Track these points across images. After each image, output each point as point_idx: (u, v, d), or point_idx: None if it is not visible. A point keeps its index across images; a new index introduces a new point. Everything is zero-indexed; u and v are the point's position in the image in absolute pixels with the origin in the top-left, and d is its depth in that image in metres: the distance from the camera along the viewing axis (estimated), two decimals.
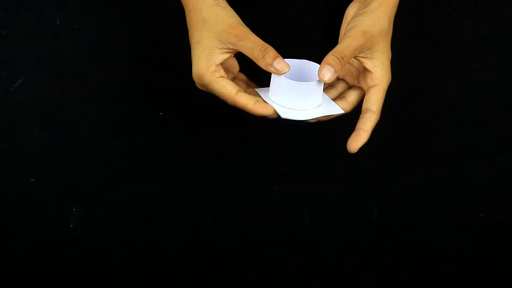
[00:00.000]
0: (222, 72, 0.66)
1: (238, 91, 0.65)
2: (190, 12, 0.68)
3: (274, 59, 0.64)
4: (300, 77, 0.68)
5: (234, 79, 0.69)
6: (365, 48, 0.66)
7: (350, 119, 0.70)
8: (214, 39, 0.65)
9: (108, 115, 0.78)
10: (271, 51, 0.64)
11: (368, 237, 0.74)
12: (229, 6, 0.68)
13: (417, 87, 0.79)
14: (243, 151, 0.77)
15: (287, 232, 0.74)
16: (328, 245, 0.74)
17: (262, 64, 0.64)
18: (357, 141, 0.66)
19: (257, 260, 0.73)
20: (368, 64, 0.67)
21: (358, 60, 0.68)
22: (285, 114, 0.65)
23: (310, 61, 0.68)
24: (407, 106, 0.78)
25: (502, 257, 0.74)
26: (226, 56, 0.66)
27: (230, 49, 0.66)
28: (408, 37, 0.80)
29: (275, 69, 0.64)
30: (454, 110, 0.78)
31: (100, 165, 0.76)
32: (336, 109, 0.67)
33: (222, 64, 0.66)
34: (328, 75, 0.63)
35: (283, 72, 0.64)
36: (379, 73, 0.67)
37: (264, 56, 0.64)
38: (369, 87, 0.67)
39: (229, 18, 0.66)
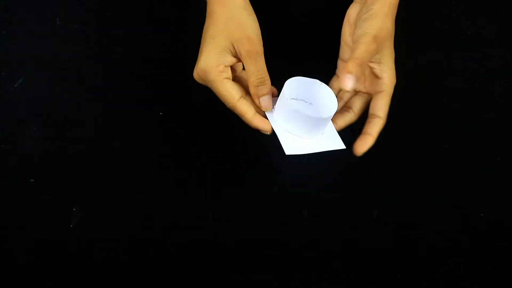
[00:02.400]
0: (229, 74, 0.65)
1: (240, 97, 0.65)
2: (215, 4, 0.67)
3: (265, 94, 0.65)
4: (308, 98, 0.68)
5: (236, 77, 0.68)
6: (376, 53, 0.67)
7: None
8: (229, 41, 0.64)
9: (108, 115, 0.78)
10: (267, 86, 0.65)
11: (368, 237, 0.74)
12: (253, 12, 0.67)
13: (417, 87, 0.79)
14: (243, 151, 0.77)
15: (287, 232, 0.74)
16: (328, 245, 0.73)
17: (252, 90, 0.65)
18: (363, 145, 0.67)
19: (257, 260, 0.73)
20: (377, 69, 0.68)
21: (369, 66, 0.68)
22: (287, 147, 0.65)
23: (322, 83, 0.68)
24: (407, 106, 0.78)
25: (502, 257, 0.74)
26: (235, 60, 0.66)
27: (238, 58, 0.65)
28: (408, 37, 0.80)
29: (259, 102, 0.65)
30: (454, 110, 0.78)
31: (100, 165, 0.76)
32: (337, 144, 0.67)
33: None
34: (350, 84, 0.62)
35: (264, 110, 0.66)
36: (386, 78, 0.68)
37: (257, 85, 0.64)
38: (376, 92, 0.68)
39: (250, 29, 0.65)
